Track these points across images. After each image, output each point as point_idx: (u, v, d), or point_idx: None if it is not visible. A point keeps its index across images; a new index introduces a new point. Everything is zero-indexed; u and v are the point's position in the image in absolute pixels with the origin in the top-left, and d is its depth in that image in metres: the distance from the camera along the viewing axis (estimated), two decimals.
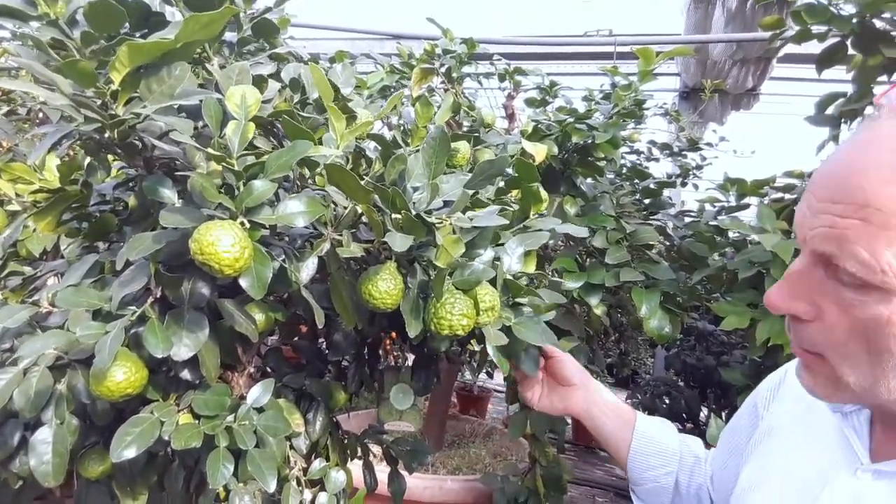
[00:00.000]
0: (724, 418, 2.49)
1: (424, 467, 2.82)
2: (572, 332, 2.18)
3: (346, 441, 1.63)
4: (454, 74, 2.61)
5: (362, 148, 1.12)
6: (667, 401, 2.59)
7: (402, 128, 1.45)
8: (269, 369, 1.37)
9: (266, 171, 0.76)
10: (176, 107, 0.81)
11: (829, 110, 1.93)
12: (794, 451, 0.76)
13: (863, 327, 0.53)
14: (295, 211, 0.75)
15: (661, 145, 3.09)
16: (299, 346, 1.43)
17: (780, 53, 4.38)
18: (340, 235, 0.91)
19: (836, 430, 0.70)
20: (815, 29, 1.84)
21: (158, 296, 0.85)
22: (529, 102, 2.67)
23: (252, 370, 1.31)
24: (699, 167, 3.12)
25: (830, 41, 1.85)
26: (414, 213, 0.81)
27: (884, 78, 1.85)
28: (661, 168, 3.39)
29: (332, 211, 0.96)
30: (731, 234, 1.99)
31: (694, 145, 2.98)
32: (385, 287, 0.81)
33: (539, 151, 1.78)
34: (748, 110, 4.82)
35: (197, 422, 0.92)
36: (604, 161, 2.12)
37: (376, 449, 1.63)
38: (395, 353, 1.72)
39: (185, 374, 0.94)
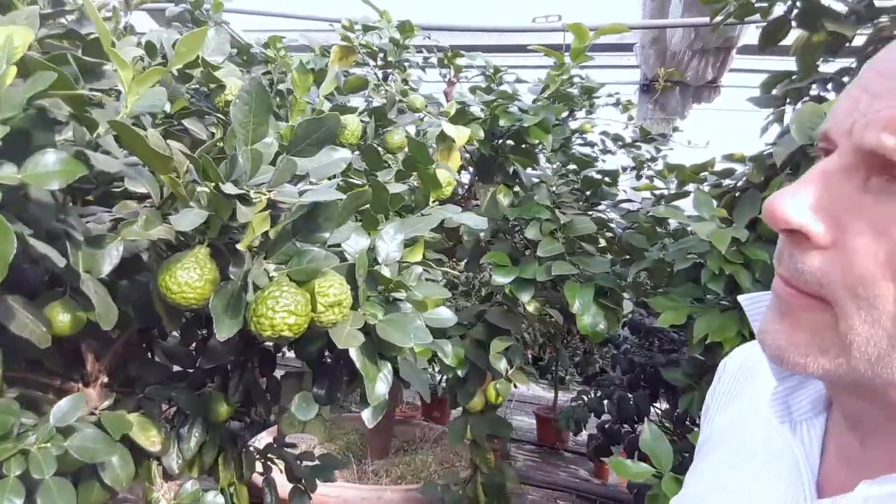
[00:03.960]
0: (674, 419, 2.37)
1: (365, 476, 2.67)
2: (510, 331, 2.05)
3: (243, 456, 1.47)
4: (391, 59, 2.47)
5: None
6: (615, 401, 2.47)
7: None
8: (133, 378, 1.21)
9: None
10: None
11: (775, 91, 1.82)
12: (725, 476, 0.59)
13: None
14: (46, 170, 0.59)
15: (613, 136, 2.97)
16: (173, 353, 1.26)
17: (740, 43, 4.30)
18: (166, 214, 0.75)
19: (779, 446, 0.54)
20: (758, 4, 1.73)
21: None
22: (474, 91, 2.53)
23: (106, 380, 1.14)
24: (653, 159, 3.00)
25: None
26: (226, 185, 0.65)
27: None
28: (619, 161, 3.28)
29: (157, 185, 0.80)
30: (672, 224, 1.86)
31: (647, 136, 2.86)
32: (186, 278, 0.65)
33: (461, 135, 1.64)
34: (710, 103, 4.74)
35: None
36: (540, 147, 1.99)
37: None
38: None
39: None
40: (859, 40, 1.75)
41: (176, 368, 1.29)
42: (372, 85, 1.85)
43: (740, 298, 0.54)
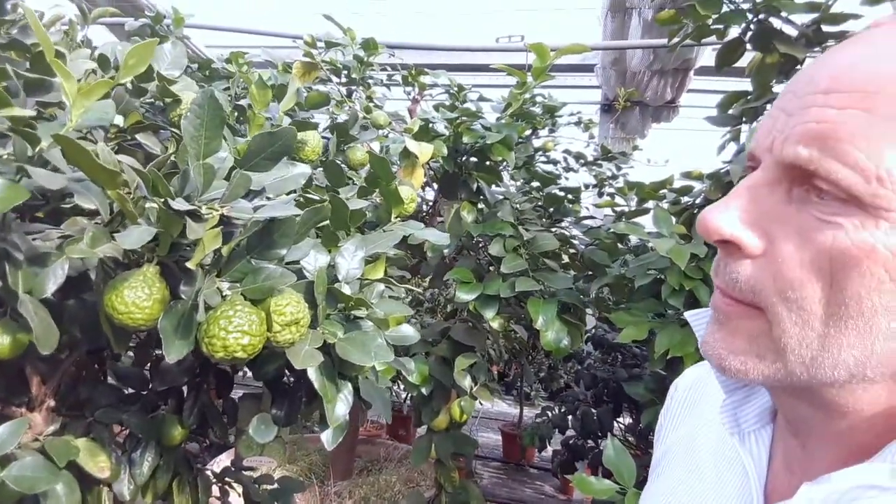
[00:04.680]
0: (637, 434, 2.38)
1: (328, 498, 2.61)
2: (475, 348, 2.04)
3: (199, 480, 1.42)
4: (355, 76, 2.46)
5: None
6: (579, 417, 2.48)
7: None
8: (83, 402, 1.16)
9: None
10: None
11: (731, 110, 1.87)
12: (679, 492, 0.60)
13: (829, 262, 0.38)
14: None
15: (575, 154, 3.02)
16: (125, 374, 1.22)
17: (697, 65, 4.43)
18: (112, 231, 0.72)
19: (729, 458, 0.55)
20: (714, 26, 1.79)
21: None
22: (438, 108, 2.54)
23: (53, 404, 1.09)
24: (614, 177, 3.06)
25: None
26: (176, 201, 0.63)
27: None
28: (581, 179, 3.32)
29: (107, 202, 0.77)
30: (633, 241, 1.89)
31: (607, 154, 2.91)
32: (133, 298, 0.63)
33: (424, 151, 1.64)
34: (669, 122, 4.86)
35: None
36: (503, 164, 2.00)
37: None
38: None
39: None
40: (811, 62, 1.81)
41: (130, 390, 1.24)
42: (335, 101, 1.83)
43: (687, 315, 0.55)
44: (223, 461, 2.40)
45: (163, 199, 0.63)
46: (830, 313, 0.38)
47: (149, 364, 1.29)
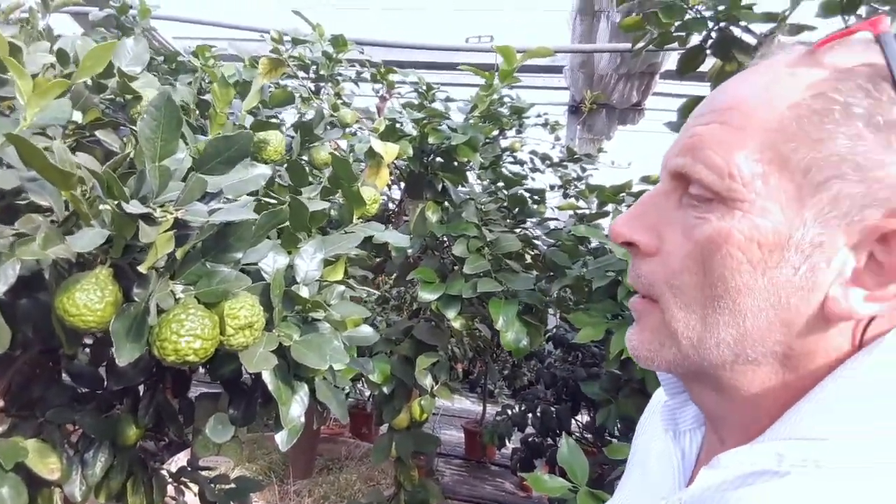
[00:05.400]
0: (594, 431, 2.44)
1: (287, 497, 2.60)
2: (437, 347, 2.06)
3: (154, 480, 1.40)
4: (323, 72, 2.45)
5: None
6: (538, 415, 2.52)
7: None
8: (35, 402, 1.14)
9: None
10: None
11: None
12: (628, 491, 0.65)
13: (701, 250, 0.45)
14: None
15: (541, 155, 3.05)
16: (79, 373, 1.20)
17: (663, 69, 4.51)
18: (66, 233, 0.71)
19: (668, 455, 0.59)
20: (676, 33, 1.83)
21: None
22: (406, 107, 2.54)
23: (2, 404, 1.07)
24: (579, 178, 3.10)
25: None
26: (130, 203, 0.63)
27: None
28: (548, 180, 3.36)
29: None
30: (593, 243, 1.93)
31: (572, 156, 2.96)
32: (85, 300, 0.63)
33: (389, 151, 1.64)
34: (634, 125, 4.94)
35: None
36: (469, 165, 2.02)
37: None
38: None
39: None
40: None
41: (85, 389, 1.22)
42: (302, 98, 1.83)
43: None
44: (181, 460, 2.37)
45: (116, 202, 0.62)
46: (706, 295, 0.44)
47: (105, 362, 1.27)
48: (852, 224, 0.41)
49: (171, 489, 1.46)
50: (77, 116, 0.99)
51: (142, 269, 0.62)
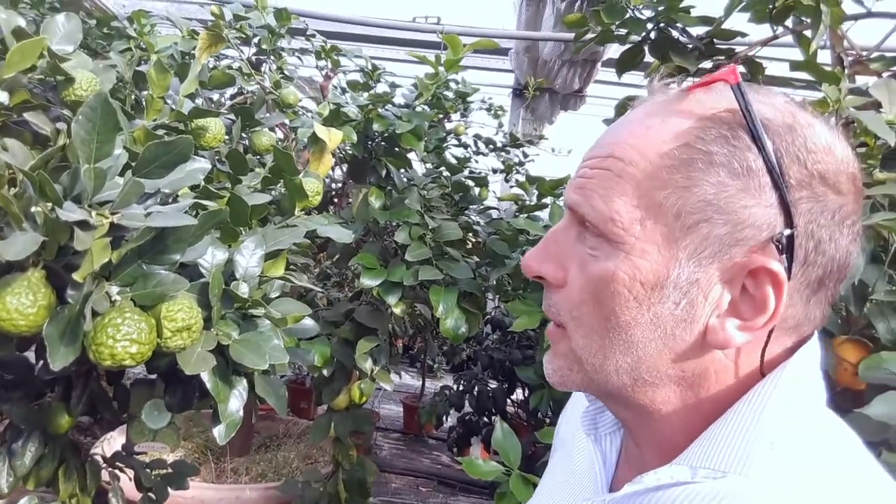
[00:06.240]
0: (528, 411, 2.53)
1: (224, 475, 2.59)
2: (377, 331, 2.08)
3: (88, 467, 1.38)
4: (265, 46, 2.38)
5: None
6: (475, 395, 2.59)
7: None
8: None
9: None
10: None
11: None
12: (547, 482, 0.69)
13: (593, 285, 0.49)
14: None
15: (485, 140, 3.09)
16: (6, 361, 1.16)
17: (605, 58, 4.60)
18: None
19: (589, 455, 0.63)
20: (617, 32, 1.88)
21: None
22: (352, 86, 2.51)
23: None
24: (521, 164, 3.16)
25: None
26: (64, 206, 0.62)
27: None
28: (492, 164, 3.40)
29: None
30: (532, 232, 1.98)
31: (515, 141, 3.00)
32: (16, 304, 0.61)
33: (333, 137, 1.63)
34: (576, 111, 5.04)
35: None
36: (412, 150, 2.03)
37: None
38: None
39: None
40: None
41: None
42: (243, 74, 1.78)
43: None
44: (116, 438, 2.31)
45: (50, 206, 0.61)
46: (602, 326, 0.49)
47: (34, 347, 1.23)
48: (723, 262, 0.45)
49: (105, 475, 1.44)
50: (3, 97, 0.95)
51: (76, 277, 0.61)
